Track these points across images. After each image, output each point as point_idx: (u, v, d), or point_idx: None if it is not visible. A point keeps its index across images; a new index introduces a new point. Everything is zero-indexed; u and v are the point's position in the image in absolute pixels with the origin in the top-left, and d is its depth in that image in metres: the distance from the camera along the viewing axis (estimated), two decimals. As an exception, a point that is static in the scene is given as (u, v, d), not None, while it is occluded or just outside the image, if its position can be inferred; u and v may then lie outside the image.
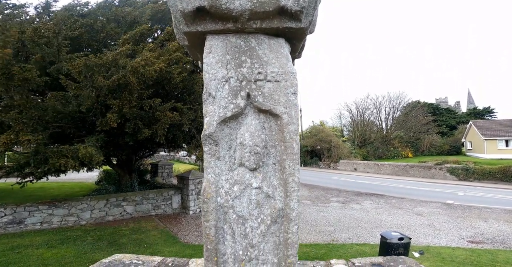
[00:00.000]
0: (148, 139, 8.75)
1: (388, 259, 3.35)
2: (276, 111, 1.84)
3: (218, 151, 1.88)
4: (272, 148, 1.92)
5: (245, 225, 1.91)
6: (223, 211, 1.91)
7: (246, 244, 1.91)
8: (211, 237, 1.89)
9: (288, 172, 1.88)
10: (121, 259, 3.55)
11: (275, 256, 1.93)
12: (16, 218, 8.99)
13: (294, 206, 1.88)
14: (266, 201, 1.91)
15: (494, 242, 8.59)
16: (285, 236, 1.91)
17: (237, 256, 1.92)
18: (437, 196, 15.46)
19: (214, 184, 1.89)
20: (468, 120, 42.18)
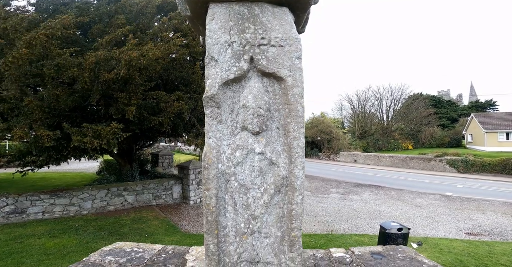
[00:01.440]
0: (152, 127, 8.83)
1: (388, 248, 3.36)
2: (280, 74, 1.80)
3: (220, 114, 1.82)
4: (275, 111, 1.86)
5: (248, 194, 1.84)
6: (224, 179, 1.84)
7: (248, 215, 1.85)
8: (212, 207, 1.81)
9: (292, 135, 1.81)
10: (122, 247, 3.57)
11: (278, 229, 1.87)
12: (18, 207, 9.06)
13: (298, 174, 1.81)
14: (269, 168, 1.84)
15: (491, 234, 8.68)
16: (289, 207, 1.84)
17: (238, 229, 1.86)
18: (436, 188, 15.55)
19: (215, 149, 1.82)
20: (469, 113, 42.00)
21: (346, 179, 18.47)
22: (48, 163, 8.66)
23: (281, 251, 1.88)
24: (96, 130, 6.79)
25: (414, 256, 3.18)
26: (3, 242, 7.19)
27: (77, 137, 6.68)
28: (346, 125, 45.04)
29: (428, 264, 3.01)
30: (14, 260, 6.07)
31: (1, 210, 8.84)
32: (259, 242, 1.86)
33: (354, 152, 31.51)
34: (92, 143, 6.65)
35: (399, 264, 2.99)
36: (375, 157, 28.18)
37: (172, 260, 3.20)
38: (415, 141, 38.58)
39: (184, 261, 3.20)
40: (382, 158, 27.38)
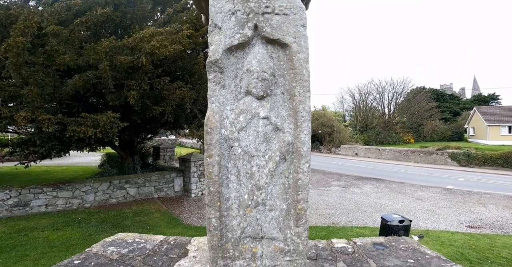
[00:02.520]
0: (154, 117, 8.83)
1: (390, 239, 3.36)
2: (284, 40, 1.76)
3: (223, 79, 1.78)
4: (280, 77, 1.82)
5: (252, 163, 1.78)
6: (227, 146, 1.78)
7: (252, 186, 1.79)
8: (214, 176, 1.75)
9: (298, 99, 1.76)
10: (124, 237, 3.59)
11: (283, 202, 1.81)
12: (21, 200, 9.12)
13: (305, 139, 1.75)
14: (274, 134, 1.78)
15: (492, 227, 8.69)
16: (295, 176, 1.78)
17: (242, 202, 1.80)
18: (438, 181, 15.55)
19: (218, 114, 1.77)
20: (472, 106, 41.72)
21: (347, 172, 18.48)
22: (51, 153, 8.68)
23: (286, 225, 1.82)
24: (95, 120, 6.78)
25: (416, 247, 3.18)
26: (7, 235, 7.27)
27: (72, 126, 6.67)
28: (348, 119, 44.90)
29: (430, 255, 3.00)
30: (18, 252, 6.14)
31: (5, 203, 8.90)
32: (263, 216, 1.80)
33: (355, 145, 31.47)
34: (87, 132, 6.64)
35: (402, 254, 2.98)
36: (376, 150, 28.14)
37: (174, 251, 3.21)
38: (417, 135, 38.46)
39: (186, 251, 3.21)
40: (384, 151, 27.34)
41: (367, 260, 2.88)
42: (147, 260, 2.97)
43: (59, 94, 6.97)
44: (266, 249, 1.81)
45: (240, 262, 1.79)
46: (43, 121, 6.39)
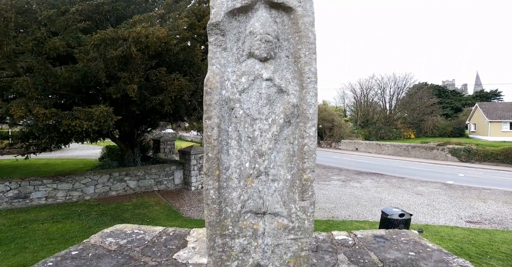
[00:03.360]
0: (153, 108, 8.74)
1: (391, 231, 3.33)
2: (289, 4, 1.69)
3: (224, 42, 1.70)
4: (284, 41, 1.75)
5: (254, 126, 1.67)
6: (228, 108, 1.67)
7: (254, 152, 1.67)
8: (213, 141, 1.63)
9: (303, 61, 1.67)
10: (123, 229, 3.57)
11: (288, 171, 1.69)
12: (21, 192, 9.12)
13: (311, 101, 1.65)
14: (278, 97, 1.68)
15: (492, 222, 8.70)
16: (300, 142, 1.66)
17: (243, 171, 1.68)
18: (438, 177, 15.54)
19: (218, 75, 1.67)
20: (473, 103, 41.51)
21: (347, 167, 18.49)
22: (50, 145, 8.64)
23: (291, 199, 1.69)
24: (89, 113, 6.72)
25: (417, 240, 3.15)
26: (6, 227, 7.27)
27: (66, 120, 6.61)
28: (348, 114, 44.77)
29: (432, 248, 2.97)
30: (18, 245, 6.15)
31: (5, 195, 8.91)
32: (266, 187, 1.68)
33: (355, 140, 31.43)
34: (82, 126, 6.57)
35: (403, 247, 2.96)
36: (376, 145, 28.10)
37: (173, 242, 3.19)
38: (418, 130, 38.40)
39: (185, 242, 3.19)
40: (384, 146, 27.30)
41: (368, 252, 2.85)
42: (145, 251, 2.95)
43: (53, 83, 6.87)
44: (269, 226, 1.69)
45: (240, 240, 1.67)
46: (38, 116, 6.32)
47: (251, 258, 1.67)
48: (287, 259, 1.67)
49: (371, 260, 2.69)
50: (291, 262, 1.68)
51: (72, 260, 2.76)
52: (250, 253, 1.67)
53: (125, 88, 7.02)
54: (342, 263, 2.63)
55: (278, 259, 1.68)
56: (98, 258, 2.79)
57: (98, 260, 2.74)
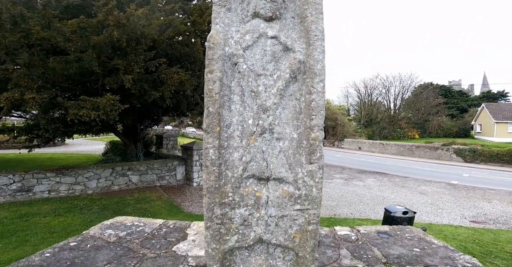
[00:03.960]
0: (155, 102, 8.69)
1: (395, 228, 3.26)
2: None
3: (229, 2, 1.63)
4: (290, 2, 1.67)
5: (258, 81, 1.57)
6: (231, 63, 1.57)
7: (257, 107, 1.55)
8: (215, 94, 1.52)
9: (310, 20, 1.58)
10: (123, 221, 3.54)
11: (294, 130, 1.57)
12: (24, 185, 9.18)
13: (318, 57, 1.55)
14: (283, 55, 1.59)
15: (496, 222, 8.57)
16: (307, 98, 1.54)
17: (245, 128, 1.56)
18: (442, 176, 15.37)
19: (222, 33, 1.59)
20: (480, 103, 40.97)
21: (350, 165, 18.36)
22: (55, 137, 8.65)
23: (297, 161, 1.55)
24: (95, 103, 6.70)
25: (422, 237, 3.07)
26: (9, 220, 7.32)
27: (73, 110, 6.59)
28: (352, 113, 44.50)
29: (437, 244, 2.90)
30: (19, 238, 6.18)
31: (8, 188, 8.97)
32: (270, 147, 1.55)
33: (359, 139, 31.21)
34: (89, 115, 6.56)
35: (407, 243, 2.89)
36: (380, 145, 27.88)
37: (173, 234, 3.16)
38: (422, 130, 38.04)
39: (185, 235, 3.15)
40: (388, 145, 27.08)
41: (371, 248, 2.79)
42: (145, 243, 2.92)
43: (52, 76, 6.84)
44: (273, 194, 1.55)
45: (241, 211, 1.54)
46: (28, 101, 6.24)
47: (253, 232, 1.54)
48: (292, 233, 1.53)
49: (374, 256, 2.62)
50: (297, 237, 1.53)
51: (70, 251, 2.74)
52: (252, 226, 1.55)
53: (122, 79, 6.97)
54: (344, 258, 2.57)
55: (282, 233, 1.54)
56: (97, 249, 2.76)
57: (96, 252, 2.71)
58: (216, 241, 1.55)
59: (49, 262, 2.50)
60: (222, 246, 1.54)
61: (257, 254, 1.60)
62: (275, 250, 1.60)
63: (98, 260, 2.54)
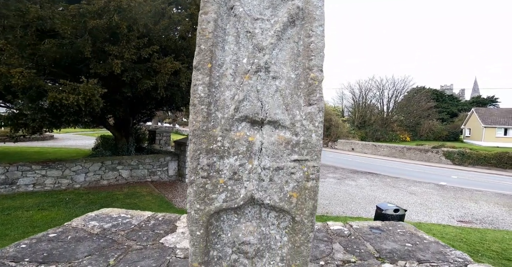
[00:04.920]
0: (148, 93, 8.50)
1: (387, 223, 3.23)
2: None
3: None
4: None
5: (254, 25, 1.45)
6: (227, 8, 1.46)
7: (253, 46, 1.43)
8: (208, 33, 1.39)
9: None
10: (109, 213, 3.41)
11: (292, 70, 1.44)
12: (8, 178, 8.86)
13: (317, 3, 1.45)
14: (281, 2, 1.49)
15: (483, 222, 8.73)
16: (306, 41, 1.43)
17: (239, 67, 1.42)
18: (431, 178, 15.61)
19: None
20: (470, 108, 41.83)
21: (343, 166, 18.48)
22: (42, 127, 8.37)
23: (295, 103, 1.41)
24: (75, 86, 6.52)
25: (414, 232, 3.05)
26: (-11, 213, 7.06)
27: (53, 93, 6.40)
28: (346, 115, 44.88)
29: (429, 240, 2.87)
30: (-2, 232, 5.96)
31: (-9, 180, 8.65)
32: (265, 87, 1.42)
33: (352, 140, 31.49)
34: (68, 98, 6.37)
35: (399, 238, 2.86)
36: (372, 146, 28.18)
37: (162, 226, 3.05)
38: (413, 133, 38.65)
39: (174, 227, 3.04)
40: (380, 147, 27.39)
41: (364, 242, 2.74)
42: (130, 235, 2.80)
43: (39, 55, 6.63)
44: (267, 140, 1.39)
45: (231, 160, 1.36)
46: (14, 74, 6.05)
47: (244, 188, 1.36)
48: (289, 192, 1.36)
49: (367, 250, 2.58)
50: (294, 197, 1.36)
51: (48, 242, 2.60)
52: (242, 180, 1.36)
53: (112, 65, 6.80)
54: (337, 252, 2.52)
55: (277, 191, 1.36)
56: (78, 241, 2.64)
57: (77, 243, 2.59)
58: (201, 200, 1.38)
59: (24, 253, 2.36)
60: (208, 206, 1.37)
61: (248, 220, 1.43)
62: (269, 214, 1.43)
63: (78, 251, 2.42)
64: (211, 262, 1.44)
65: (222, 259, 1.45)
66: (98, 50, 7.15)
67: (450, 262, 2.43)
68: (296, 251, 1.38)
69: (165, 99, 9.47)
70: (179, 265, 2.22)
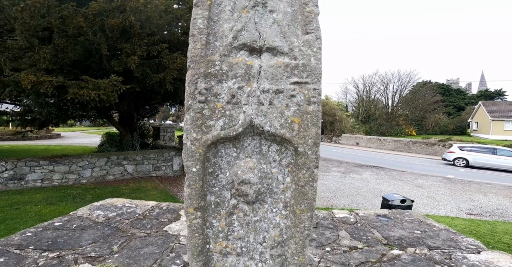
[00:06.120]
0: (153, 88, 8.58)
1: (394, 211, 3.17)
2: None
3: None
4: None
5: None
6: None
7: None
8: None
9: None
10: (114, 202, 3.41)
11: (289, 6, 1.43)
12: (17, 173, 8.99)
13: None
14: None
15: (492, 215, 8.57)
16: None
17: (237, 4, 1.42)
18: (438, 171, 15.41)
19: None
20: (477, 102, 41.07)
21: (347, 160, 18.34)
22: (49, 121, 8.51)
23: (292, 33, 1.40)
24: (96, 83, 6.61)
25: (422, 220, 2.98)
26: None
27: (73, 89, 6.48)
28: (350, 109, 44.50)
29: (438, 227, 2.80)
30: (8, 225, 6.05)
31: (0, 176, 8.78)
32: (263, 19, 1.42)
33: (356, 135, 31.22)
34: (90, 95, 6.45)
35: (407, 226, 2.79)
36: (377, 140, 27.89)
37: (165, 215, 3.03)
38: (419, 127, 38.15)
39: (178, 216, 3.03)
40: (385, 141, 27.10)
41: (371, 229, 2.69)
42: (135, 223, 2.80)
43: (62, 59, 6.75)
44: (266, 63, 1.37)
45: (229, 83, 1.33)
46: (44, 83, 6.21)
47: (242, 113, 1.32)
48: (289, 116, 1.31)
49: (374, 237, 2.53)
50: (295, 123, 1.31)
51: (53, 231, 2.61)
52: (241, 104, 1.32)
53: (126, 61, 6.86)
54: (343, 239, 2.48)
55: (278, 116, 1.32)
56: (82, 229, 2.64)
57: (82, 231, 2.58)
58: (198, 128, 1.33)
59: (29, 241, 2.37)
60: (205, 135, 1.32)
61: (248, 155, 1.37)
62: (270, 148, 1.38)
63: (82, 239, 2.42)
64: (208, 209, 1.37)
65: (220, 206, 1.39)
66: (112, 48, 7.22)
67: (463, 249, 2.37)
68: (300, 192, 1.32)
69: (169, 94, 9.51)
70: (183, 251, 2.20)
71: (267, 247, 1.37)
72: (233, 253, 1.38)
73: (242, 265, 1.39)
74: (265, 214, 1.38)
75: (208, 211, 1.38)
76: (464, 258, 2.18)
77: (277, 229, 1.38)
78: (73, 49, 6.70)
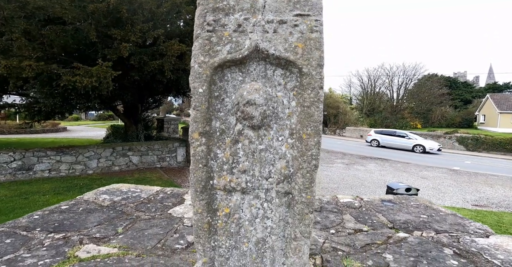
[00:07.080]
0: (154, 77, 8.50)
1: (399, 197, 3.14)
2: None
3: None
4: None
5: None
6: None
7: None
8: None
9: None
10: (119, 187, 3.44)
11: None
12: (25, 163, 9.13)
13: None
14: None
15: (499, 206, 8.49)
16: None
17: None
18: (444, 163, 15.27)
19: None
20: (484, 95, 40.24)
21: (351, 152, 18.27)
22: (54, 111, 8.57)
23: None
24: (88, 70, 6.57)
25: (428, 205, 2.95)
26: (8, 198, 7.30)
27: (67, 76, 6.47)
28: (354, 102, 44.04)
29: (445, 212, 2.77)
30: (16, 214, 6.14)
31: (8, 166, 8.92)
32: None
33: (360, 127, 30.98)
34: (82, 81, 6.45)
35: (413, 211, 2.76)
36: (382, 133, 27.65)
37: (170, 199, 3.05)
38: (425, 120, 37.64)
39: (182, 200, 3.04)
40: (390, 134, 26.85)
41: (376, 214, 2.67)
42: (139, 207, 2.82)
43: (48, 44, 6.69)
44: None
45: (236, 16, 1.38)
46: (24, 68, 6.18)
47: (248, 39, 1.36)
48: (293, 42, 1.35)
49: (379, 221, 2.51)
50: (299, 47, 1.35)
51: (60, 213, 2.64)
52: (247, 32, 1.37)
53: (120, 48, 6.80)
54: (348, 222, 2.46)
55: (282, 41, 1.35)
56: (88, 212, 2.66)
57: (88, 214, 2.61)
58: (205, 52, 1.36)
59: (36, 223, 2.40)
60: (212, 59, 1.36)
61: (253, 79, 1.39)
62: (275, 72, 1.39)
63: (88, 221, 2.44)
64: (213, 136, 1.39)
65: (225, 134, 1.39)
66: (102, 34, 7.12)
67: (471, 233, 2.34)
68: (306, 114, 1.31)
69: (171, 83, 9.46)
70: (186, 232, 2.21)
71: (273, 182, 1.36)
72: (237, 189, 1.37)
73: (247, 204, 1.37)
74: (270, 142, 1.38)
75: (213, 138, 1.39)
76: (472, 242, 2.15)
77: (283, 160, 1.36)
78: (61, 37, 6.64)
